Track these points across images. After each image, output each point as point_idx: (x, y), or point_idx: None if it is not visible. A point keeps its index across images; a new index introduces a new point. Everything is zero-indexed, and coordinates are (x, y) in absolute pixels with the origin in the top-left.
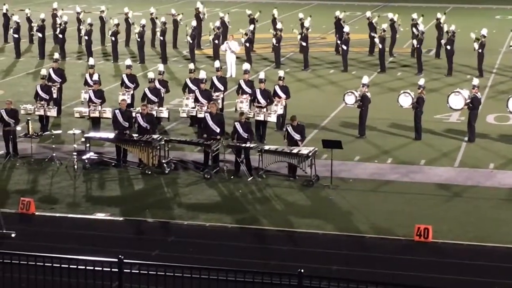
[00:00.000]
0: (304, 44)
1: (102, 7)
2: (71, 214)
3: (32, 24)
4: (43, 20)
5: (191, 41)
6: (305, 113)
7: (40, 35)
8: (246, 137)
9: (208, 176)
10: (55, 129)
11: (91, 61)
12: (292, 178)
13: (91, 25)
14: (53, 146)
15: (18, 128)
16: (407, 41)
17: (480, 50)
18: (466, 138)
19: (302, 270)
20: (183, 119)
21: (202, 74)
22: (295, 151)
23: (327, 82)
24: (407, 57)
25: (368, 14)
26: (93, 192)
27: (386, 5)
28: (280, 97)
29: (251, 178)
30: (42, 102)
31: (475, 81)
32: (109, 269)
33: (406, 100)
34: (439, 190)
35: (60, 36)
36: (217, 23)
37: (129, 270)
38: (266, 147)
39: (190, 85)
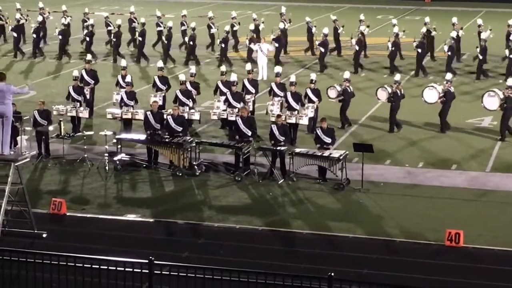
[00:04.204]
0: (322, 50)
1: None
2: (102, 215)
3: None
4: (64, 25)
5: (223, 45)
6: (337, 116)
7: (60, 37)
8: (281, 140)
9: (239, 179)
10: (87, 130)
11: (123, 62)
12: (323, 181)
13: (119, 26)
14: (85, 147)
15: (50, 128)
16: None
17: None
18: (438, 130)
19: (332, 274)
20: (214, 121)
21: (233, 77)
22: (326, 154)
23: (359, 85)
24: (439, 61)
25: (394, 21)
26: (124, 193)
27: (418, 9)
28: (313, 102)
29: (282, 181)
30: (75, 103)
31: (448, 76)
32: (139, 270)
33: (382, 94)
34: (470, 194)
35: (87, 38)
36: (251, 26)
37: (159, 272)
38: (297, 150)
39: (222, 87)
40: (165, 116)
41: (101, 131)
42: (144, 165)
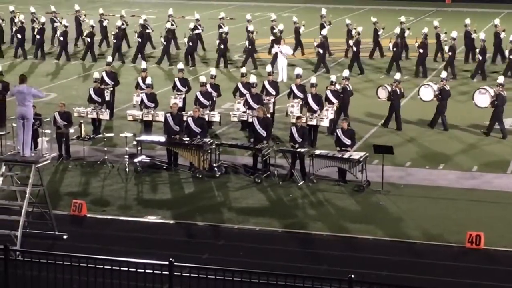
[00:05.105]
0: (321, 51)
1: (169, 11)
2: (122, 217)
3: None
4: (65, 26)
5: (222, 46)
6: (356, 118)
7: (62, 38)
8: (300, 141)
9: (259, 180)
10: (108, 132)
11: (144, 64)
12: (343, 183)
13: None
14: (105, 149)
15: (71, 130)
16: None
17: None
18: (442, 128)
19: (353, 276)
20: (234, 123)
21: (253, 79)
22: (346, 156)
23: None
24: (460, 63)
25: (436, 23)
26: (144, 195)
27: (439, 10)
28: (332, 103)
29: (302, 182)
30: (95, 105)
31: (444, 74)
32: (159, 272)
33: (383, 93)
34: (491, 196)
35: (89, 39)
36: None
37: (179, 273)
38: (317, 152)
39: (242, 89)
40: (185, 118)
41: (122, 133)
42: (164, 167)
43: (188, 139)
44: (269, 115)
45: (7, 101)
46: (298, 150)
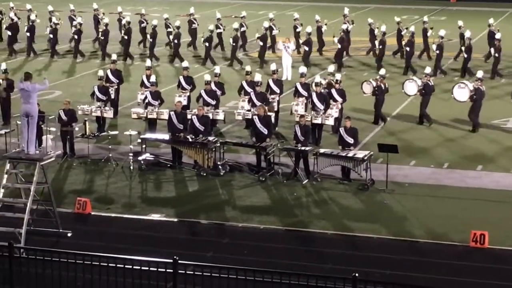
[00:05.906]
0: (306, 48)
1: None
2: (126, 215)
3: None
4: (55, 24)
5: (207, 44)
6: (361, 117)
7: (51, 36)
8: (302, 140)
9: (263, 179)
10: (112, 130)
11: (148, 62)
12: (347, 181)
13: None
14: (110, 146)
15: (76, 128)
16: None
17: (496, 55)
18: (417, 120)
19: (357, 274)
20: (238, 121)
21: (257, 77)
22: (350, 154)
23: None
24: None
25: (460, 23)
26: (148, 193)
27: (443, 9)
28: (336, 101)
29: (306, 181)
30: (99, 103)
31: (427, 70)
32: (163, 270)
33: (367, 88)
34: (495, 196)
35: (76, 37)
36: (265, 24)
37: (183, 271)
38: (321, 151)
39: (246, 87)
40: (189, 116)
41: (126, 131)
42: (169, 165)
43: (192, 137)
44: (272, 114)
45: (12, 99)
46: (301, 148)
